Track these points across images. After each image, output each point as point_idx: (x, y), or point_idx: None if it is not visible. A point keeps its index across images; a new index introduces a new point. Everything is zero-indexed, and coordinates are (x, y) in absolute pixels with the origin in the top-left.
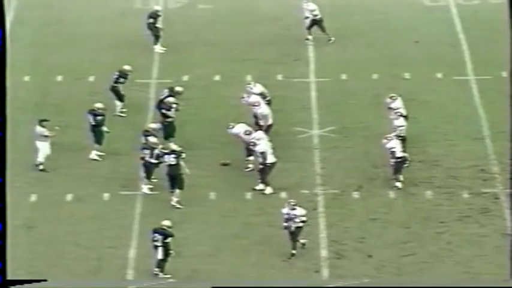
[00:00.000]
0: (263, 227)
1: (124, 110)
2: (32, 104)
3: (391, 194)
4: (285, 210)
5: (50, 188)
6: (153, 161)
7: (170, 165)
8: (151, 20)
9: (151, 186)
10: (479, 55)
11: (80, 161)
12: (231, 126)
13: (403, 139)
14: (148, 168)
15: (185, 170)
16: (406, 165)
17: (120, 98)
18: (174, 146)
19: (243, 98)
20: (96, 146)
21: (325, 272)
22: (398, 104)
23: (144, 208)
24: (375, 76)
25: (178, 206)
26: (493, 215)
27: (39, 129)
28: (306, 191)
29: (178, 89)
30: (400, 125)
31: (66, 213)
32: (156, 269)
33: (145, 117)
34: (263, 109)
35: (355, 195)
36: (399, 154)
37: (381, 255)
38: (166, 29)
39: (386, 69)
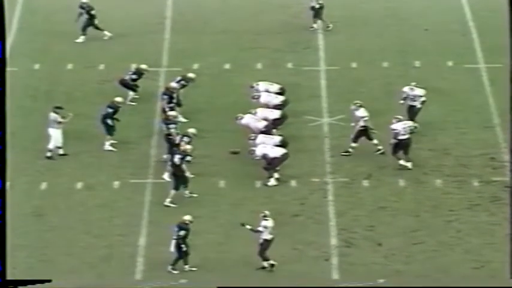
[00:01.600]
0: (272, 215)
1: (136, 97)
2: (43, 92)
3: (401, 183)
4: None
5: (60, 176)
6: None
7: (174, 165)
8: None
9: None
10: (489, 43)
11: (90, 149)
12: (239, 117)
13: (365, 129)
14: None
15: (187, 173)
16: (407, 147)
17: (132, 88)
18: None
19: (253, 98)
20: (108, 137)
21: (334, 261)
22: (418, 92)
23: (154, 196)
24: (385, 64)
25: (171, 205)
26: (503, 203)
27: (52, 115)
28: (315, 179)
29: (190, 75)
30: (362, 115)
31: (76, 202)
32: (170, 266)
33: (154, 105)
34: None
35: (365, 183)
36: (401, 137)
37: (390, 243)
38: (175, 17)
39: (397, 57)
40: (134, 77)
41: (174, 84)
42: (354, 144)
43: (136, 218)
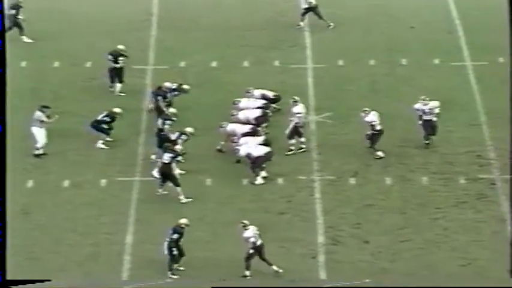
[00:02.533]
0: (259, 213)
1: (122, 94)
2: (29, 90)
3: (388, 180)
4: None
5: (47, 174)
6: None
7: (163, 163)
8: (13, 12)
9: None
10: (475, 41)
11: (76, 147)
12: (224, 125)
13: (299, 125)
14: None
15: (176, 171)
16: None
17: (119, 75)
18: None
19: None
20: (104, 135)
21: (321, 258)
22: (432, 104)
23: (141, 194)
24: (371, 62)
25: (184, 200)
26: (489, 200)
27: (37, 114)
28: (302, 177)
29: (185, 87)
30: (298, 112)
31: (63, 200)
32: (169, 272)
33: (141, 103)
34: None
35: (352, 181)
36: (379, 127)
37: (377, 241)
38: (162, 15)
39: (383, 55)
40: (110, 57)
41: (168, 84)
42: (291, 141)
43: (123, 216)
